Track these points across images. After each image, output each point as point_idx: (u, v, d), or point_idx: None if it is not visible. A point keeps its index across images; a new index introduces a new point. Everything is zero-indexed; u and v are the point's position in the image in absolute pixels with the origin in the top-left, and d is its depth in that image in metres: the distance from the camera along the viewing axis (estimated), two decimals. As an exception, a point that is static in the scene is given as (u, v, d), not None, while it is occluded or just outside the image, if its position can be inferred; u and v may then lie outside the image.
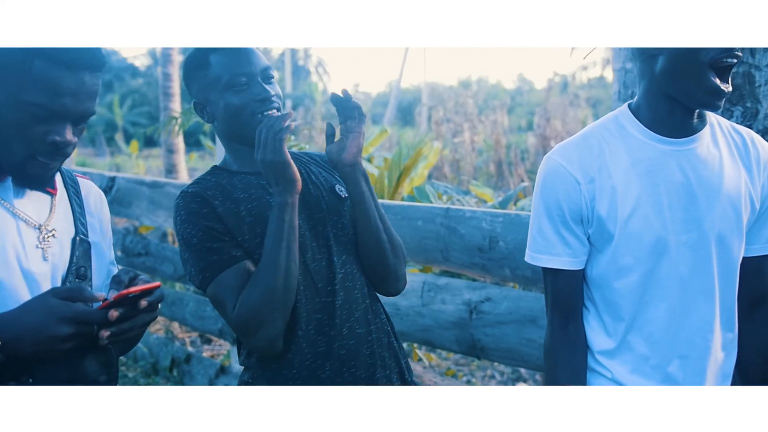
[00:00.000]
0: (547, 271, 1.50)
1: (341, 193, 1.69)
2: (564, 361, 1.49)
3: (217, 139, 6.20)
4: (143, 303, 1.17)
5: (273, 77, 1.64)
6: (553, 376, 1.49)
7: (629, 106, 1.48)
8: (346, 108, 1.60)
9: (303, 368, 1.56)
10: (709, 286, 1.44)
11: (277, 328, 1.50)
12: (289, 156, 1.52)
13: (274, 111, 1.60)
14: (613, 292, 1.47)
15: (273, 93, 1.61)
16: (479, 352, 2.77)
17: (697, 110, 1.42)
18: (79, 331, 1.14)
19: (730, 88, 1.35)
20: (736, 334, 1.50)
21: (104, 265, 1.46)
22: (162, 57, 10.20)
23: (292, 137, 5.63)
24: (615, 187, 1.41)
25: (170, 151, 10.04)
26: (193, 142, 18.23)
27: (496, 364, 4.74)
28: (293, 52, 41.24)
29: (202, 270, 1.53)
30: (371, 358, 1.63)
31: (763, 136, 2.12)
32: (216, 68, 1.60)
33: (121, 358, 2.37)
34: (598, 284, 1.49)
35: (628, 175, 1.41)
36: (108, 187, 4.78)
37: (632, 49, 1.44)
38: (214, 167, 1.68)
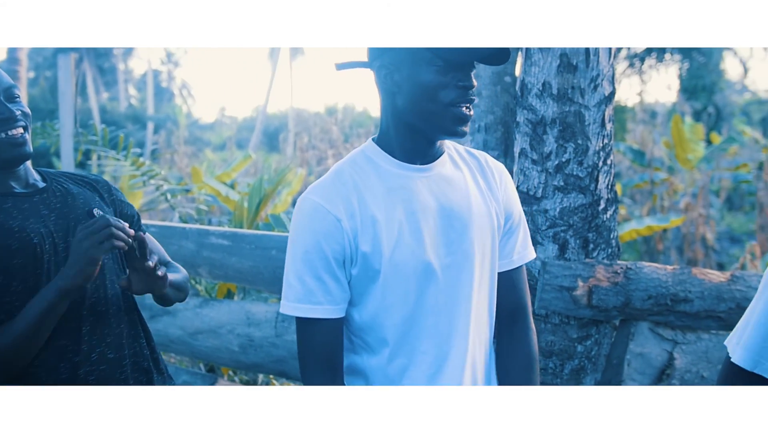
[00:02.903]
0: (306, 322, 1.40)
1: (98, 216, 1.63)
2: None
3: (61, 156, 5.88)
4: None
5: (17, 96, 1.54)
6: None
7: (373, 140, 1.47)
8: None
9: None
10: (468, 305, 1.46)
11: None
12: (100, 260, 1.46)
13: (20, 130, 1.52)
14: (384, 329, 1.43)
15: (18, 112, 1.52)
16: (333, 382, 2.77)
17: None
18: None
19: (471, 112, 1.40)
20: (491, 342, 1.55)
21: None
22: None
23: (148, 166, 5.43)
24: (376, 219, 1.39)
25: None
26: (44, 164, 17.22)
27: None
28: (156, 73, 40.02)
29: None
30: (126, 383, 1.59)
31: (592, 171, 2.28)
32: None
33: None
34: (370, 327, 1.44)
35: (386, 205, 1.40)
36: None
37: (376, 84, 1.44)
38: None
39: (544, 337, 2.34)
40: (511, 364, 1.55)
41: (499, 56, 1.37)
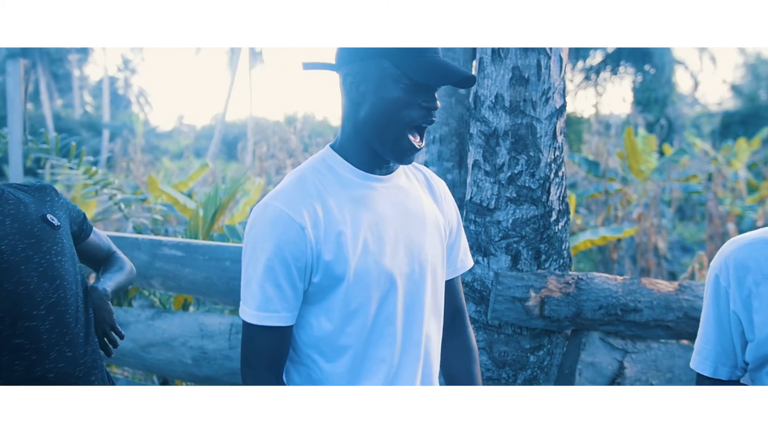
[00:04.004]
0: (259, 329, 1.39)
1: (53, 221, 1.70)
2: None
3: (9, 163, 5.72)
4: None
5: None
6: None
7: (331, 147, 1.48)
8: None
9: None
10: (422, 313, 1.49)
11: None
12: None
13: None
14: (344, 337, 1.43)
15: None
16: (288, 394, 2.74)
17: None
18: None
19: (423, 144, 1.44)
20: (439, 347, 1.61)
21: None
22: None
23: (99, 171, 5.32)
24: (340, 228, 1.39)
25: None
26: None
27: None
28: (112, 80, 39.35)
29: None
30: (85, 380, 1.67)
31: (544, 183, 2.31)
32: None
33: None
34: (329, 335, 1.43)
35: (351, 214, 1.41)
36: None
37: (341, 88, 1.45)
38: None
39: (497, 347, 2.36)
40: (456, 359, 1.65)
41: (467, 81, 1.39)
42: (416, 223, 1.48)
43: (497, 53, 2.28)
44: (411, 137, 1.39)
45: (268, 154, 14.27)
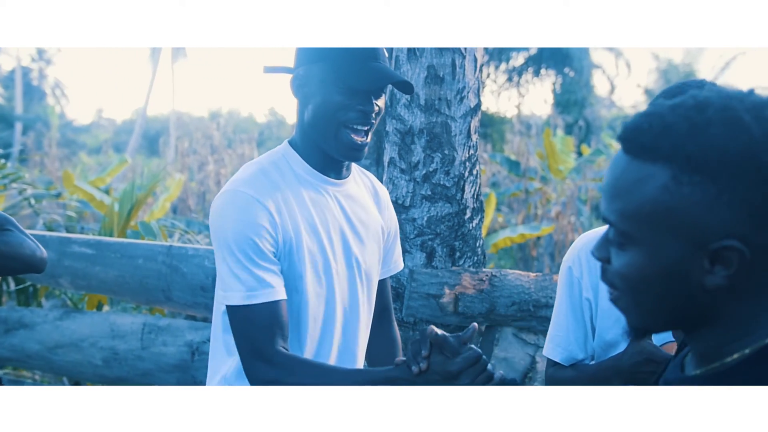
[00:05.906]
0: (254, 309, 1.37)
1: None
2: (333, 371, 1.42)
3: None
4: None
5: None
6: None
7: (290, 143, 1.52)
8: None
9: None
10: (357, 313, 1.56)
11: None
12: None
13: None
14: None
15: None
16: (202, 394, 2.70)
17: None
18: None
19: (368, 140, 1.46)
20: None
21: None
22: None
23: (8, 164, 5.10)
24: (297, 223, 1.44)
25: None
26: None
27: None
28: (25, 70, 37.70)
29: None
30: None
31: (458, 181, 2.34)
32: None
33: None
34: None
35: (306, 212, 1.46)
36: None
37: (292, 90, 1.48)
38: None
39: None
40: (381, 349, 1.73)
41: (403, 86, 1.45)
42: (360, 230, 1.54)
43: (413, 52, 2.29)
44: (353, 135, 1.43)
45: (190, 149, 13.96)
